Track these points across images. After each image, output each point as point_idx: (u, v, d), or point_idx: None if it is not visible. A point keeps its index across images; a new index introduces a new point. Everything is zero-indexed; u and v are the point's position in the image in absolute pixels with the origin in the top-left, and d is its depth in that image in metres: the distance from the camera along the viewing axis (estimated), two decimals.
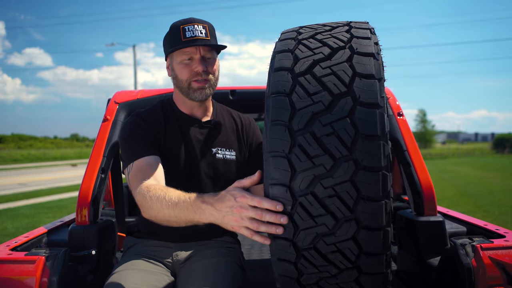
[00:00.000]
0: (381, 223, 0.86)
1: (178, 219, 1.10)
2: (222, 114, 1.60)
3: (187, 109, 1.52)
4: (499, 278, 1.26)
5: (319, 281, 0.94)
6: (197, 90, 1.43)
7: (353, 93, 0.88)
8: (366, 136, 0.86)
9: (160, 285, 1.37)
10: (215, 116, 1.57)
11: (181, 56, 1.42)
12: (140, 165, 1.34)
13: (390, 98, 1.93)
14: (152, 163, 1.35)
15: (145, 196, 1.18)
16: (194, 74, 1.42)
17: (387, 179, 0.86)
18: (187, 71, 1.42)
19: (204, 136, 1.51)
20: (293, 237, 0.90)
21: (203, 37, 1.40)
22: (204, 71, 1.42)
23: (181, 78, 1.44)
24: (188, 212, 1.06)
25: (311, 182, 0.87)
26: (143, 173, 1.30)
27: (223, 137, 1.54)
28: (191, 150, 1.48)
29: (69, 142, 57.87)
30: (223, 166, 1.51)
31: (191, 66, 1.42)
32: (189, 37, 1.39)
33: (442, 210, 2.01)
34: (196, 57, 1.42)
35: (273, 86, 0.94)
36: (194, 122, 1.52)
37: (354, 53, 0.93)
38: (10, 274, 1.26)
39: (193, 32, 1.39)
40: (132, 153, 1.38)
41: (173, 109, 1.53)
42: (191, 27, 1.40)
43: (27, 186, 12.60)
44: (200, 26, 1.41)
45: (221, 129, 1.54)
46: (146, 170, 1.32)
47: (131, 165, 1.36)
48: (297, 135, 0.89)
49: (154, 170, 1.32)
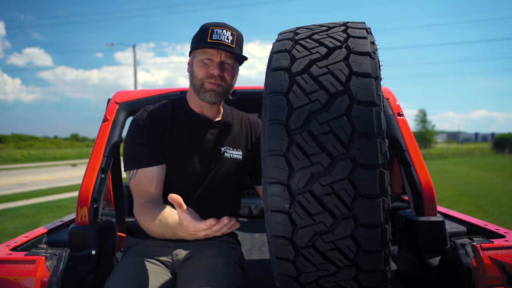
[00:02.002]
0: (379, 220, 0.87)
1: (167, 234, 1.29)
2: (232, 115, 1.63)
3: (199, 108, 1.55)
4: (499, 278, 1.26)
5: (318, 280, 0.95)
6: (208, 91, 1.46)
7: (350, 91, 0.89)
8: (363, 134, 0.86)
9: (160, 285, 1.37)
10: (225, 117, 1.59)
11: (202, 55, 1.45)
12: (142, 177, 1.44)
13: (390, 98, 1.93)
14: (153, 176, 1.44)
15: (139, 217, 1.38)
16: (209, 75, 1.44)
17: (384, 176, 0.86)
18: (203, 70, 1.45)
19: (214, 135, 1.54)
20: (291, 235, 0.90)
21: (228, 43, 1.42)
22: (219, 76, 1.44)
23: (196, 76, 1.47)
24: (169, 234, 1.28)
25: (309, 180, 0.88)
26: (142, 188, 1.43)
27: (232, 137, 1.57)
28: (199, 149, 1.50)
29: (69, 142, 57.86)
30: (230, 165, 1.53)
31: (209, 67, 1.44)
32: (215, 39, 1.41)
33: (442, 210, 2.01)
34: (216, 60, 1.44)
35: (270, 86, 0.95)
36: (204, 121, 1.54)
37: (351, 52, 0.94)
38: (10, 274, 1.26)
39: (220, 36, 1.42)
40: (136, 160, 1.45)
41: (185, 108, 1.56)
42: (219, 30, 1.42)
43: (27, 186, 12.60)
44: (228, 32, 1.43)
45: (231, 130, 1.57)
46: (147, 185, 1.43)
47: (134, 172, 1.46)
48: (295, 134, 0.89)
49: (153, 184, 1.44)
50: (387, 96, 1.93)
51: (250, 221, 3.34)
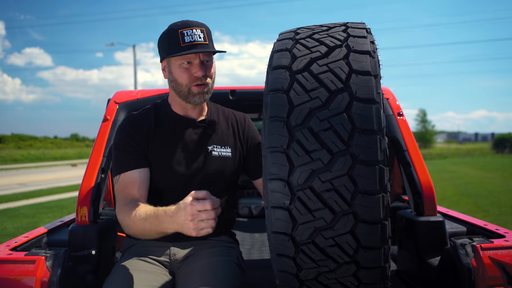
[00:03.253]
0: (379, 216, 0.87)
1: (150, 231, 1.29)
2: (217, 112, 1.62)
3: (182, 111, 1.54)
4: (499, 278, 1.26)
5: (318, 276, 0.95)
6: (197, 95, 1.45)
7: (350, 89, 0.90)
8: (362, 130, 0.87)
9: (159, 285, 1.37)
10: (210, 115, 1.58)
11: (180, 60, 1.43)
12: (125, 181, 1.44)
13: (390, 98, 1.93)
14: (135, 179, 1.44)
15: (121, 216, 1.37)
16: (194, 79, 1.43)
17: (384, 173, 0.87)
18: (186, 75, 1.43)
19: (198, 135, 1.53)
20: (291, 231, 0.91)
21: (201, 41, 1.41)
22: (203, 76, 1.43)
23: (181, 82, 1.45)
24: (156, 224, 1.26)
25: (309, 177, 0.88)
26: (125, 191, 1.43)
27: (218, 135, 1.56)
28: (185, 150, 1.50)
29: (69, 142, 57.83)
30: (220, 163, 1.53)
31: (191, 71, 1.43)
32: (188, 42, 1.39)
33: (442, 210, 2.01)
34: (196, 62, 1.43)
35: (271, 84, 0.96)
36: (188, 122, 1.53)
37: (351, 51, 0.95)
38: (10, 274, 1.26)
39: (192, 37, 1.40)
40: (119, 165, 1.46)
41: (167, 111, 1.55)
42: (189, 31, 1.40)
43: (27, 186, 12.60)
44: (198, 30, 1.41)
45: (216, 127, 1.56)
46: (129, 187, 1.43)
47: (117, 177, 1.46)
48: (295, 131, 0.90)
49: (136, 186, 1.43)
50: (387, 96, 1.93)
51: (250, 221, 3.34)
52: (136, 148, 1.47)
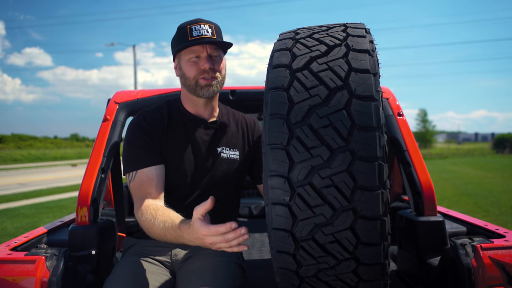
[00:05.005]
0: (378, 212, 0.88)
1: (168, 240, 1.27)
2: (228, 114, 1.63)
3: (194, 109, 1.54)
4: (499, 278, 1.26)
5: (318, 273, 0.95)
6: (204, 87, 1.46)
7: (349, 86, 0.91)
8: (362, 127, 0.88)
9: (159, 285, 1.37)
10: (221, 117, 1.59)
11: (188, 54, 1.45)
12: (142, 178, 1.42)
13: (390, 98, 1.93)
14: (153, 177, 1.42)
15: (140, 219, 1.35)
16: (201, 71, 1.45)
17: (383, 169, 0.88)
18: (194, 68, 1.45)
19: (209, 136, 1.54)
20: (291, 228, 0.91)
21: (209, 36, 1.43)
22: (211, 69, 1.45)
23: (188, 76, 1.46)
24: (172, 237, 1.24)
25: (309, 173, 0.89)
26: (142, 188, 1.41)
27: (228, 137, 1.57)
28: (196, 150, 1.51)
29: (69, 142, 57.81)
30: (228, 165, 1.54)
31: (198, 64, 1.45)
32: (196, 36, 1.42)
33: (442, 210, 2.01)
34: (203, 55, 1.44)
35: (271, 82, 0.97)
36: (200, 122, 1.54)
37: (350, 49, 0.96)
38: (10, 274, 1.26)
39: (200, 31, 1.42)
40: (135, 162, 1.44)
41: (179, 109, 1.56)
42: (197, 26, 1.43)
43: (27, 186, 12.60)
44: (206, 26, 1.44)
45: (226, 130, 1.57)
46: (147, 185, 1.41)
47: (133, 173, 1.44)
48: (295, 128, 0.91)
49: (153, 184, 1.42)
50: (387, 96, 1.93)
51: (250, 221, 3.34)
52: (152, 145, 1.46)
